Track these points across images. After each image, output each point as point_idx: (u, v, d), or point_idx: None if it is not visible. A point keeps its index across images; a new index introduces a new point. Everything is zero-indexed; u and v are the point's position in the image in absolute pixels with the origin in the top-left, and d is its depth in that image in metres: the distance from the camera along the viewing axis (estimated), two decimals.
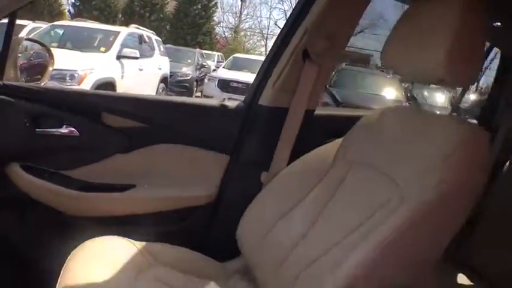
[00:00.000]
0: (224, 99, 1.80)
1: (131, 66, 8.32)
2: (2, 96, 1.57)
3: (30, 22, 9.31)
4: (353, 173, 1.37)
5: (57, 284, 1.27)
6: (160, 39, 11.57)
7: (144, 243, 1.49)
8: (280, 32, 1.75)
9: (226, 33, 29.46)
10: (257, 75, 1.80)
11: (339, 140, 1.51)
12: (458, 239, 2.09)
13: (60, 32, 8.91)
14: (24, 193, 1.65)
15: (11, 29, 1.72)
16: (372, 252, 1.09)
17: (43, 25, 9.42)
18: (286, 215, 1.46)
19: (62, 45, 8.01)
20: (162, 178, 1.74)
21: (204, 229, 1.75)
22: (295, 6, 1.70)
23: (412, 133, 1.27)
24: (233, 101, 1.80)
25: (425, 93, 10.06)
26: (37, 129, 1.62)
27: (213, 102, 1.81)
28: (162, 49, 10.86)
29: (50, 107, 1.64)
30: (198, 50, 16.45)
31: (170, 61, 11.35)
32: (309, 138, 1.71)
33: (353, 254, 1.11)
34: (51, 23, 9.57)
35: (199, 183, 1.76)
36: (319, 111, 1.83)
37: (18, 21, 1.66)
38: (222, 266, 1.59)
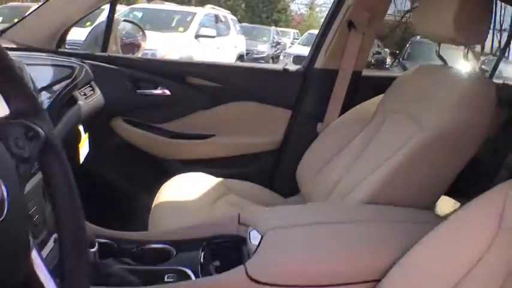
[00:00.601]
0: (286, 64, 2.13)
1: (208, 45, 8.64)
2: (109, 65, 1.99)
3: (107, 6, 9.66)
4: (389, 119, 1.64)
5: (152, 207, 1.64)
6: (235, 18, 11.83)
7: (221, 178, 1.85)
8: (330, 8, 2.06)
9: (301, 10, 29.23)
10: (312, 44, 2.12)
11: (381, 95, 1.77)
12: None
13: (139, 14, 9.30)
14: (126, 141, 2.07)
15: (112, 12, 2.15)
16: (391, 172, 1.37)
17: (121, 9, 9.72)
18: (336, 156, 1.75)
19: None
20: (237, 128, 2.10)
21: (271, 170, 2.10)
22: None
23: (436, 84, 1.52)
24: (294, 66, 2.13)
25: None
26: (137, 90, 2.02)
27: (278, 66, 2.14)
28: (237, 28, 11.11)
29: (147, 73, 2.03)
30: (273, 27, 16.55)
31: (246, 39, 11.58)
32: (357, 94, 2.01)
33: (377, 173, 1.42)
34: (129, 6, 10.02)
35: (267, 132, 2.11)
36: (366, 72, 2.13)
37: None
38: (285, 200, 1.91)
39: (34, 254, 0.59)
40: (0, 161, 0.53)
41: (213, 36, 8.75)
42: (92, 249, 1.00)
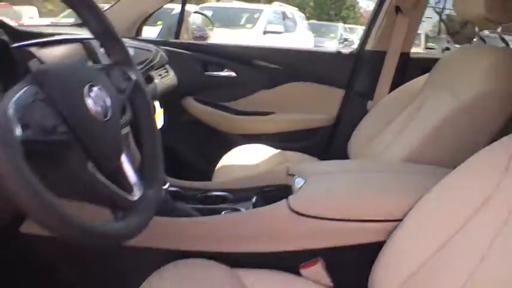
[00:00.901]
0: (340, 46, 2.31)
1: (276, 41, 8.83)
2: (181, 50, 2.25)
3: (178, 5, 10.09)
4: (433, 95, 1.75)
5: (215, 170, 1.86)
6: (303, 15, 11.92)
7: (279, 150, 2.05)
8: None
9: (370, 7, 28.81)
10: (364, 29, 2.30)
11: (426, 74, 1.89)
12: None
13: (209, 13, 9.64)
14: (195, 117, 2.33)
15: (184, 5, 2.41)
16: (426, 136, 1.53)
17: (191, 8, 10.18)
18: (383, 130, 1.90)
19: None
20: (295, 106, 2.31)
21: (325, 144, 2.30)
22: None
23: (472, 60, 1.64)
24: (347, 48, 2.31)
25: None
26: (205, 72, 2.27)
27: (332, 49, 2.33)
28: (305, 24, 11.18)
29: (214, 57, 2.27)
30: (341, 24, 16.54)
31: (314, 36, 11.62)
32: (405, 74, 2.16)
33: (413, 137, 1.57)
34: (199, 5, 10.38)
35: (321, 110, 2.30)
36: (414, 54, 2.27)
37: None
38: None
39: (123, 158, 0.83)
40: (107, 86, 0.78)
41: (280, 32, 8.92)
42: (164, 187, 1.22)
